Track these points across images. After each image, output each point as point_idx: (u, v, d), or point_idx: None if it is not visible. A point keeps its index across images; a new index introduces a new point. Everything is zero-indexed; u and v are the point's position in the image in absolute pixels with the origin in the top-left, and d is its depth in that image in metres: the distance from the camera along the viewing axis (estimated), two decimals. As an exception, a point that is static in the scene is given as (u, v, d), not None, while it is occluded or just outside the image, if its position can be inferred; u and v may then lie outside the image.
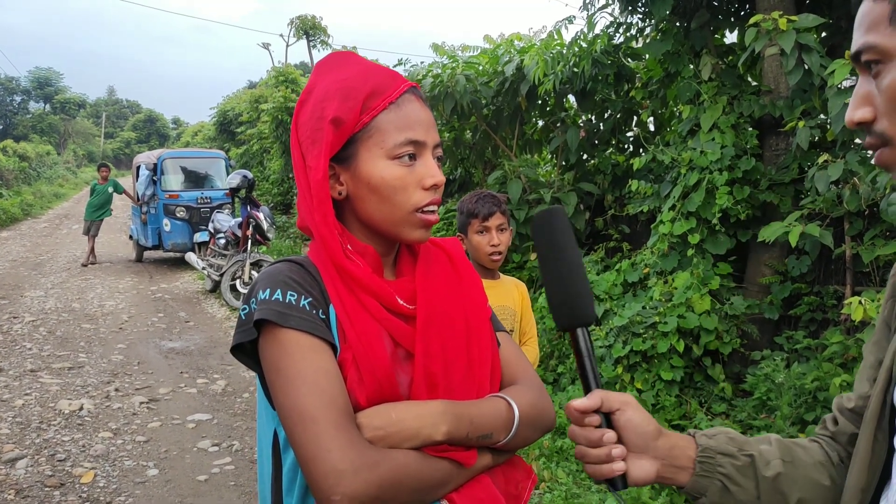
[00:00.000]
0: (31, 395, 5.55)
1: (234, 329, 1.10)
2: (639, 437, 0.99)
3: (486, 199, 2.64)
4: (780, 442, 1.06)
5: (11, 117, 65.23)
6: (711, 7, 5.45)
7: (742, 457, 1.03)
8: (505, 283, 2.75)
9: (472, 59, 7.90)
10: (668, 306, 4.57)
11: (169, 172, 13.17)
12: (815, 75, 4.18)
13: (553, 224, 1.05)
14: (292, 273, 1.08)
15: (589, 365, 1.02)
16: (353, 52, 1.18)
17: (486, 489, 1.11)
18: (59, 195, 31.76)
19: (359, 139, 1.10)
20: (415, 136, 1.10)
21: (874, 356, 1.01)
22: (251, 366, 1.11)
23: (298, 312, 1.03)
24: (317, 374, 1.00)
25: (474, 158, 9.04)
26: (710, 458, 1.02)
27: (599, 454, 0.98)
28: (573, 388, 4.70)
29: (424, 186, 1.11)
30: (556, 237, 1.04)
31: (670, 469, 1.01)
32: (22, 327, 7.88)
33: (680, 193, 4.89)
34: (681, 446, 1.02)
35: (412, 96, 1.13)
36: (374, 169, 1.09)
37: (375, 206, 1.11)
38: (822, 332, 4.33)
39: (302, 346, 1.02)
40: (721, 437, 1.05)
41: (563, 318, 1.03)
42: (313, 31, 21.23)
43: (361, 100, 1.09)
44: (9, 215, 20.55)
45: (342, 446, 0.94)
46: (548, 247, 1.05)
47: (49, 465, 4.30)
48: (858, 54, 0.84)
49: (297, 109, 1.15)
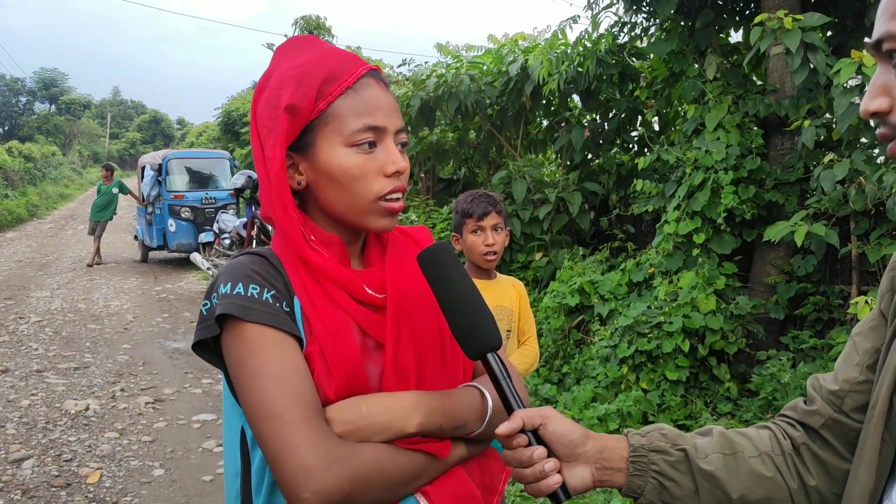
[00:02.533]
0: (38, 396, 5.56)
1: (196, 325, 1.06)
2: (566, 447, 1.00)
3: (481, 198, 2.63)
4: (722, 434, 1.05)
5: (17, 118, 65.51)
6: (716, 6, 5.43)
7: (675, 452, 1.02)
8: (501, 283, 2.74)
9: (477, 59, 7.91)
10: (674, 306, 4.56)
11: (174, 173, 13.21)
12: (821, 74, 4.17)
13: (440, 259, 1.05)
14: (254, 265, 1.05)
15: (507, 387, 1.02)
16: (314, 36, 1.15)
17: (460, 481, 1.09)
18: (65, 196, 31.87)
19: (315, 127, 1.06)
20: (374, 122, 1.06)
21: (870, 343, 0.99)
22: (215, 362, 1.08)
23: (261, 306, 1.00)
24: (283, 369, 0.97)
25: (479, 158, 9.04)
26: (643, 457, 1.01)
27: (534, 472, 0.97)
28: (578, 389, 4.69)
29: (386, 174, 1.08)
30: (445, 271, 1.04)
31: (605, 472, 1.02)
32: (28, 328, 7.90)
33: (685, 193, 4.88)
34: (611, 447, 1.03)
35: (371, 80, 1.09)
36: (332, 157, 1.06)
37: (336, 196, 1.08)
38: (829, 331, 4.32)
39: (266, 340, 0.99)
40: (654, 433, 1.04)
41: (472, 347, 1.03)
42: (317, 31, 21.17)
43: (317, 85, 1.05)
44: (14, 216, 20.62)
45: (310, 442, 0.92)
46: (439, 282, 1.04)
47: (55, 465, 4.31)
48: (879, 43, 0.82)
49: (255, 98, 1.12)
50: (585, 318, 5.51)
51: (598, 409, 4.25)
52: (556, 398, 4.84)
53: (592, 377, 4.77)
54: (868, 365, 0.98)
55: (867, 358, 0.98)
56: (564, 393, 4.85)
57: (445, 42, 8.46)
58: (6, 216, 19.73)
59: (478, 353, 1.03)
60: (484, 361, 1.03)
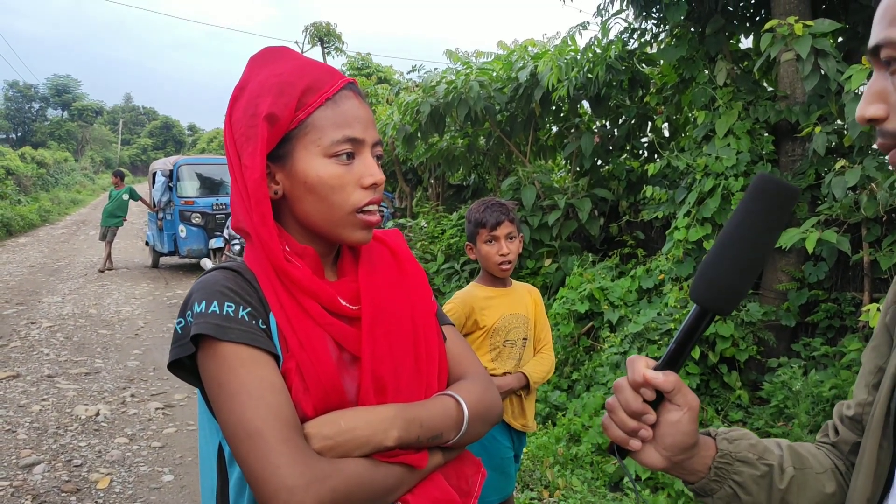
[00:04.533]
0: (49, 401, 5.59)
1: (171, 343, 1.05)
2: (671, 441, 0.93)
3: (494, 207, 2.63)
4: (791, 448, 1.03)
5: (30, 124, 66.05)
6: (726, 12, 5.42)
7: (761, 466, 0.99)
8: (517, 290, 2.73)
9: (486, 66, 7.92)
10: (684, 313, 4.54)
11: (185, 179, 13.27)
12: (832, 80, 4.15)
13: (784, 204, 0.87)
14: (228, 282, 1.04)
15: (689, 348, 0.92)
16: (287, 46, 1.15)
17: (439, 487, 1.09)
18: (77, 201, 32.05)
19: (294, 137, 1.06)
20: (353, 134, 1.06)
21: (873, 363, 0.98)
22: (190, 381, 1.07)
23: (237, 324, 1.00)
24: (261, 388, 0.96)
25: (488, 164, 9.06)
26: (728, 465, 0.98)
27: (627, 422, 0.92)
28: (587, 395, 4.68)
29: (363, 185, 1.08)
30: (774, 218, 0.87)
31: (681, 467, 0.97)
32: (39, 333, 7.94)
33: (695, 199, 4.87)
34: (699, 448, 0.98)
35: (350, 93, 1.09)
36: (310, 168, 1.05)
37: (313, 207, 1.07)
38: (840, 339, 4.28)
39: (243, 359, 0.98)
40: (742, 442, 1.00)
41: (711, 295, 0.88)
42: (328, 37, 21.31)
43: (297, 95, 1.05)
44: (27, 221, 20.75)
45: (291, 461, 0.92)
46: (758, 220, 0.86)
47: (66, 470, 4.33)
48: (877, 49, 0.80)
49: (231, 105, 1.11)
50: (595, 324, 5.50)
51: (607, 417, 4.23)
52: (566, 405, 4.83)
53: (602, 384, 4.75)
54: (874, 384, 0.97)
55: (872, 378, 0.98)
56: (574, 400, 4.84)
57: (455, 48, 8.49)
58: (19, 222, 19.86)
59: (711, 306, 0.89)
60: (700, 315, 0.90)
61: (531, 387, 2.64)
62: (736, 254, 0.87)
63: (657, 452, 0.94)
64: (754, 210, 0.87)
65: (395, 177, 11.77)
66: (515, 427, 2.67)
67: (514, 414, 2.68)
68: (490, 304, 2.63)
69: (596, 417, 4.34)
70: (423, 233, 8.71)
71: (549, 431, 4.44)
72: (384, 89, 14.07)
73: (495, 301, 2.64)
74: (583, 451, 4.06)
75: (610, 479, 3.84)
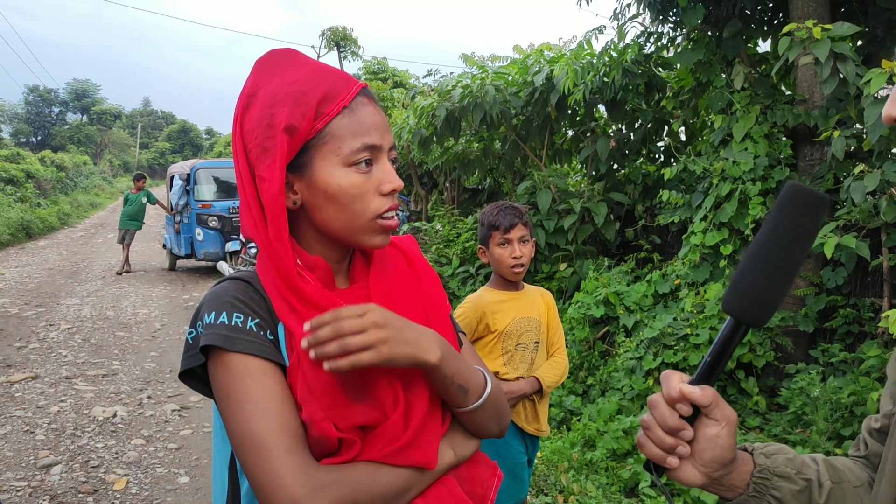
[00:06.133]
0: (66, 402, 5.63)
1: (182, 354, 1.06)
2: (709, 457, 0.91)
3: (507, 210, 2.62)
4: (828, 462, 1.02)
5: (50, 128, 66.83)
6: (744, 16, 5.39)
7: (800, 481, 0.98)
8: (529, 294, 2.73)
9: (502, 70, 7.92)
10: (700, 318, 4.51)
11: (202, 182, 13.35)
12: (851, 84, 4.11)
13: (815, 213, 0.86)
14: (238, 293, 1.05)
15: (724, 362, 0.91)
16: (293, 48, 1.14)
17: (451, 492, 1.08)
18: (95, 204, 32.36)
19: (313, 146, 1.04)
20: (371, 141, 1.06)
21: None
22: (201, 390, 1.08)
23: (245, 335, 1.00)
24: (266, 399, 0.97)
25: (503, 168, 9.06)
26: (766, 480, 0.97)
27: (664, 439, 0.90)
28: (603, 401, 4.66)
29: (383, 192, 1.08)
30: (805, 227, 0.86)
31: (719, 483, 0.95)
32: (58, 335, 8.01)
33: (712, 204, 4.84)
34: (737, 463, 0.97)
35: (365, 98, 1.08)
36: (330, 177, 1.04)
37: (333, 215, 1.07)
38: (859, 345, 4.24)
39: (250, 370, 0.99)
40: (780, 456, 0.99)
41: (744, 307, 0.87)
42: (344, 42, 21.41)
43: (314, 105, 1.03)
44: (46, 224, 20.97)
45: (293, 472, 0.93)
46: (789, 229, 0.86)
47: (83, 471, 4.36)
48: None
49: (240, 113, 1.08)
50: (610, 329, 5.48)
51: (623, 422, 4.21)
52: (581, 410, 4.81)
53: (618, 389, 4.73)
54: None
55: (894, 388, 0.97)
56: (589, 405, 4.82)
57: (471, 53, 8.50)
58: (38, 224, 20.08)
59: (745, 319, 0.88)
60: (735, 327, 0.89)
61: (544, 391, 2.63)
62: (768, 264, 0.86)
63: (695, 469, 0.93)
64: (785, 219, 0.86)
65: (410, 180, 11.79)
66: (529, 431, 2.66)
67: (528, 418, 2.66)
68: (502, 308, 2.62)
69: (611, 423, 4.31)
70: (439, 236, 8.71)
71: (563, 436, 4.42)
72: (400, 93, 14.11)
73: (507, 305, 2.63)
74: (598, 456, 4.03)
75: (625, 484, 3.82)
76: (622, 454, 4.08)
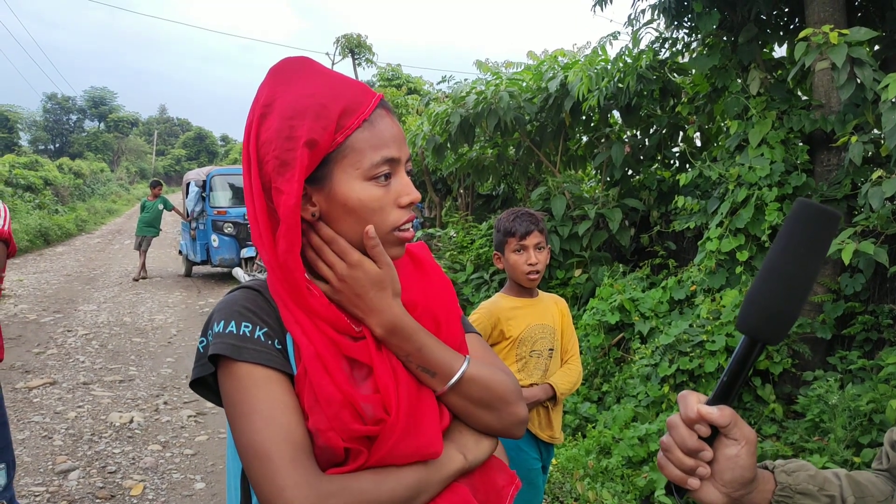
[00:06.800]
0: (84, 408, 5.68)
1: (193, 362, 1.07)
2: (730, 477, 0.91)
3: (523, 217, 2.62)
4: (850, 477, 1.01)
5: (67, 135, 67.54)
6: (759, 21, 5.37)
7: (823, 497, 0.97)
8: (544, 301, 2.73)
9: (516, 76, 7.92)
10: (716, 324, 4.48)
11: (217, 189, 13.44)
12: (868, 89, 4.08)
13: (825, 229, 0.87)
14: (248, 302, 1.05)
15: (741, 381, 0.92)
16: (308, 57, 1.11)
17: (463, 499, 1.06)
18: (112, 211, 32.62)
19: (333, 159, 1.03)
20: (390, 154, 1.06)
21: None
22: (212, 399, 1.08)
23: (253, 344, 1.01)
24: (272, 408, 0.97)
25: (518, 174, 9.05)
26: (788, 497, 0.96)
27: (683, 461, 0.90)
28: (618, 408, 4.63)
29: (401, 205, 1.08)
30: (817, 244, 0.87)
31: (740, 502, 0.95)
32: (75, 340, 8.08)
33: (728, 210, 4.81)
34: (758, 482, 0.96)
35: (383, 111, 1.08)
36: (350, 191, 1.04)
37: (351, 228, 1.06)
38: (878, 352, 4.20)
39: (256, 379, 0.99)
40: (801, 473, 0.99)
41: (759, 325, 0.88)
42: (358, 49, 21.53)
43: (335, 119, 1.02)
44: (64, 231, 21.17)
45: (295, 483, 0.92)
46: (800, 247, 0.86)
47: (100, 476, 4.39)
48: None
49: (256, 123, 1.05)
50: (626, 335, 5.45)
51: (638, 429, 4.19)
52: (597, 417, 4.79)
53: (633, 396, 4.71)
54: None
55: None
56: (604, 412, 4.80)
57: (485, 59, 8.52)
58: (56, 231, 20.26)
59: (760, 336, 0.88)
60: (750, 345, 0.90)
61: (558, 398, 2.63)
62: (781, 282, 0.86)
63: (716, 489, 0.92)
64: (796, 237, 0.86)
65: (424, 187, 11.80)
66: (542, 438, 2.66)
67: (542, 425, 2.66)
68: (516, 315, 2.62)
69: (626, 430, 4.29)
70: (453, 243, 8.71)
71: (579, 444, 4.40)
72: (414, 100, 14.13)
73: (521, 311, 2.63)
74: (613, 463, 4.01)
75: (641, 492, 3.80)
76: (638, 462, 4.06)
